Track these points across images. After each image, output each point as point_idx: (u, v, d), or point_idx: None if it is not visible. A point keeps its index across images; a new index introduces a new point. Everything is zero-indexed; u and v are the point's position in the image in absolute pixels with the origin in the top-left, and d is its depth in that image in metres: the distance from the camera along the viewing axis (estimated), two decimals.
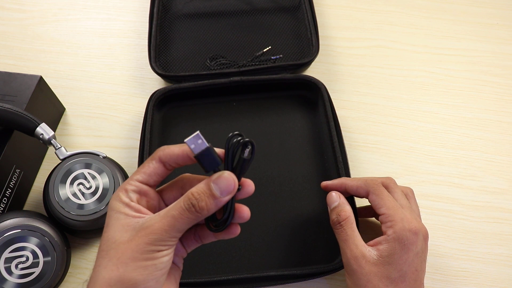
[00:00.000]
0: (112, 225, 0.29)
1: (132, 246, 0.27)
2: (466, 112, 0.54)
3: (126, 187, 0.30)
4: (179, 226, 0.28)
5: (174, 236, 0.28)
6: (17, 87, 0.47)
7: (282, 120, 0.52)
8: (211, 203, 0.28)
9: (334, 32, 0.61)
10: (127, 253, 0.27)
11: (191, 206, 0.28)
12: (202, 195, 0.28)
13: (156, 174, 0.31)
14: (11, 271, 0.38)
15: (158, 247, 0.27)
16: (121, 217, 0.29)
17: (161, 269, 0.28)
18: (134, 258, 0.27)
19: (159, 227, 0.27)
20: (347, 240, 0.37)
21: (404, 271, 0.35)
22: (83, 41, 0.61)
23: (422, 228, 0.36)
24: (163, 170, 0.31)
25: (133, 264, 0.27)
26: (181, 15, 0.61)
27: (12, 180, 0.45)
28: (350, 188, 0.40)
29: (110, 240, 0.28)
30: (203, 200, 0.28)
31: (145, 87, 0.57)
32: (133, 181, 0.30)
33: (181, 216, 0.28)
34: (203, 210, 0.28)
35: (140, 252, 0.27)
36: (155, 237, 0.27)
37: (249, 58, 0.56)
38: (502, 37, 0.61)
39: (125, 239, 0.28)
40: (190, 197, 0.28)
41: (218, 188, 0.28)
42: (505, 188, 0.49)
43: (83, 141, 0.53)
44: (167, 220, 0.28)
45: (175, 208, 0.28)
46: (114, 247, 0.28)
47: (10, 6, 0.65)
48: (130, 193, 0.30)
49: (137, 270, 0.27)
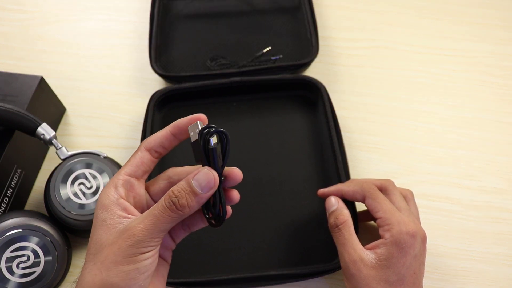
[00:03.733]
0: (99, 227, 0.28)
1: (114, 250, 0.27)
2: (466, 112, 0.54)
3: (115, 182, 0.30)
4: (161, 226, 0.27)
5: (157, 237, 0.28)
6: (18, 87, 0.48)
7: (282, 120, 0.53)
8: (192, 200, 0.28)
9: (334, 33, 0.62)
10: (110, 257, 0.27)
11: (171, 204, 0.27)
12: (183, 192, 0.28)
13: (143, 163, 0.30)
14: (13, 270, 0.39)
15: (140, 249, 0.27)
16: (107, 217, 0.28)
17: (144, 273, 0.27)
18: (117, 262, 0.27)
19: (141, 228, 0.27)
20: (345, 244, 0.37)
21: (402, 274, 0.35)
22: (84, 41, 0.61)
23: (420, 231, 0.36)
24: (150, 159, 0.31)
25: (115, 269, 0.27)
26: (181, 16, 0.61)
27: (13, 180, 0.45)
28: (346, 193, 0.41)
29: (97, 242, 0.28)
30: (184, 197, 0.28)
31: (145, 88, 0.57)
32: (121, 175, 0.30)
33: (162, 215, 0.27)
34: (184, 208, 0.28)
35: (123, 256, 0.27)
36: (137, 239, 0.27)
37: (249, 59, 0.56)
38: (501, 37, 0.61)
39: (109, 242, 0.27)
40: (170, 195, 0.28)
41: (199, 184, 0.28)
42: (504, 188, 0.49)
43: (84, 141, 0.53)
44: (149, 220, 0.27)
45: (157, 207, 0.28)
46: (99, 250, 0.28)
47: (11, 7, 0.65)
48: (119, 188, 0.29)
49: (119, 275, 0.27)
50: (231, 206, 0.32)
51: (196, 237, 0.44)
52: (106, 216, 0.28)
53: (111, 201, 0.29)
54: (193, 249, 0.44)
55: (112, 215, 0.28)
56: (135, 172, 0.30)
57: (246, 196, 0.47)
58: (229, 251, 0.44)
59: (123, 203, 0.29)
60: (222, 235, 0.45)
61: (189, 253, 0.44)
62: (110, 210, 0.28)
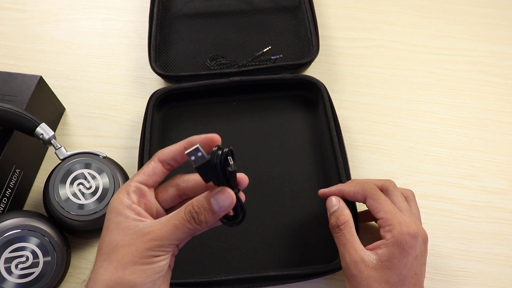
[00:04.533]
0: (113, 229, 0.29)
1: (132, 250, 0.28)
2: (466, 112, 0.54)
3: (127, 189, 0.31)
4: (179, 235, 0.29)
5: (173, 243, 0.29)
6: (17, 87, 0.47)
7: (282, 120, 0.52)
8: (210, 217, 0.29)
9: (334, 32, 0.61)
10: (127, 257, 0.28)
11: (191, 219, 0.29)
12: (202, 209, 0.29)
13: (155, 174, 0.32)
14: (11, 271, 0.38)
15: (157, 252, 0.28)
16: (122, 220, 0.29)
17: (159, 272, 0.29)
18: (134, 262, 0.28)
19: (160, 234, 0.28)
20: (346, 245, 0.37)
21: (403, 275, 0.35)
22: (83, 41, 0.61)
23: (421, 231, 0.36)
24: (162, 170, 0.32)
25: (132, 268, 0.28)
26: (181, 15, 0.61)
27: (12, 180, 0.45)
28: (347, 194, 0.40)
29: (112, 243, 0.29)
30: (203, 214, 0.29)
31: (145, 87, 0.57)
32: (133, 182, 0.31)
33: (182, 226, 0.29)
34: (202, 223, 0.29)
35: (140, 257, 0.28)
36: (156, 243, 0.28)
37: (249, 58, 0.56)
38: (502, 37, 0.61)
39: (125, 242, 0.29)
40: (191, 210, 0.29)
41: (217, 204, 0.29)
42: (505, 188, 0.49)
43: (83, 141, 0.53)
44: (169, 228, 0.29)
45: (177, 218, 0.29)
46: (115, 250, 0.29)
47: (10, 6, 0.65)
48: (132, 194, 0.31)
49: (136, 273, 0.28)
50: None
51: (196, 238, 0.44)
52: (120, 219, 0.29)
53: (125, 206, 0.30)
54: (193, 250, 0.44)
55: (127, 218, 0.29)
56: (147, 181, 0.32)
57: (246, 196, 0.47)
58: (229, 251, 0.44)
59: (136, 208, 0.30)
60: (222, 235, 0.45)
61: (189, 254, 0.44)
62: (125, 214, 0.30)
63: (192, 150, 0.29)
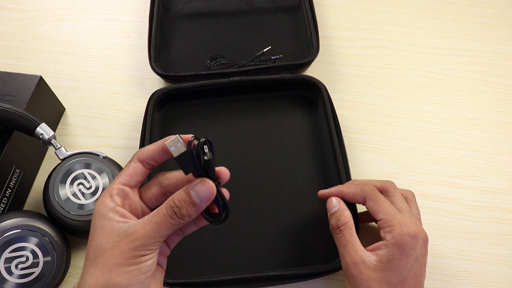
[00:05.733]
0: (98, 233, 0.29)
1: (116, 253, 0.28)
2: (466, 112, 0.54)
3: (110, 192, 0.31)
4: (163, 232, 0.29)
5: (158, 241, 0.29)
6: (17, 87, 0.47)
7: (282, 120, 0.52)
8: (192, 210, 0.29)
9: (334, 32, 0.61)
10: (112, 259, 0.28)
11: (173, 213, 0.29)
12: (183, 202, 0.29)
13: (136, 174, 0.32)
14: (11, 271, 0.38)
15: (142, 251, 0.28)
16: (106, 223, 0.29)
17: (145, 272, 0.29)
18: (119, 263, 0.28)
19: (143, 233, 0.28)
20: (346, 246, 0.37)
21: (403, 276, 0.35)
22: (83, 41, 0.61)
23: (422, 232, 0.36)
24: (142, 169, 0.32)
25: (117, 270, 0.28)
26: (181, 15, 0.61)
27: (12, 180, 0.45)
28: (347, 195, 0.40)
29: (98, 247, 0.29)
30: (184, 207, 0.29)
31: (145, 87, 0.57)
32: (115, 185, 0.31)
33: (164, 222, 0.29)
34: (184, 217, 0.29)
35: (125, 258, 0.28)
36: (139, 243, 0.28)
37: (249, 58, 0.56)
38: (502, 37, 0.61)
39: (110, 245, 0.29)
40: (172, 205, 0.29)
41: (198, 195, 0.29)
42: (505, 188, 0.49)
43: (83, 141, 0.53)
44: (151, 226, 0.29)
45: (159, 215, 0.29)
46: (100, 254, 0.29)
47: (10, 6, 0.65)
48: (115, 197, 0.31)
49: (122, 275, 0.28)
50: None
51: (196, 238, 0.44)
52: (104, 223, 0.29)
53: (109, 209, 0.30)
54: (193, 250, 0.44)
55: (111, 221, 0.29)
56: (129, 182, 0.32)
57: (246, 196, 0.47)
58: (228, 251, 0.44)
59: (120, 210, 0.30)
60: (222, 235, 0.45)
61: (189, 254, 0.44)
62: (109, 217, 0.30)
63: (171, 140, 0.29)
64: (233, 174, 0.48)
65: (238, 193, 0.47)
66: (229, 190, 0.46)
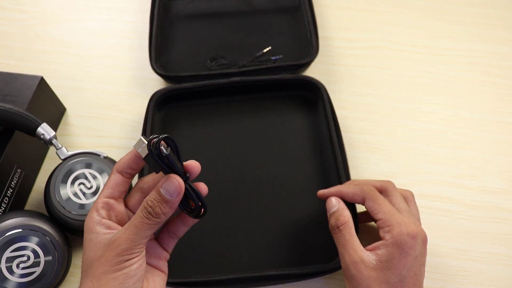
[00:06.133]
0: (87, 246, 0.31)
1: (102, 261, 0.30)
2: (466, 112, 0.54)
3: (96, 206, 0.32)
4: (142, 233, 0.30)
5: (140, 243, 0.30)
6: (18, 87, 0.48)
7: (282, 120, 0.53)
8: (165, 207, 0.30)
9: (333, 33, 0.62)
10: (99, 268, 0.29)
11: (148, 214, 0.30)
12: (155, 201, 0.30)
13: (117, 185, 0.33)
14: (13, 270, 0.39)
15: (125, 256, 0.29)
16: (93, 237, 0.31)
17: (132, 277, 0.30)
18: (106, 271, 0.29)
19: (124, 238, 0.30)
20: (345, 245, 0.37)
21: (403, 276, 0.35)
22: (84, 41, 0.61)
23: (421, 232, 0.36)
24: (122, 180, 0.33)
25: (105, 278, 0.29)
26: (181, 16, 0.61)
27: (13, 180, 0.45)
28: (346, 195, 0.41)
29: (88, 260, 0.31)
30: (157, 206, 0.30)
31: (145, 88, 0.57)
32: (100, 199, 0.33)
33: (142, 224, 0.30)
34: (160, 215, 0.30)
35: (110, 265, 0.29)
36: (122, 248, 0.29)
37: (249, 59, 0.56)
38: (501, 37, 0.61)
39: (97, 256, 0.30)
40: (145, 206, 0.30)
41: (167, 192, 0.30)
42: (504, 188, 0.49)
43: (84, 141, 0.53)
44: (131, 230, 0.30)
45: (136, 218, 0.30)
46: (90, 266, 0.30)
47: (11, 7, 0.65)
48: (100, 210, 0.32)
49: (109, 282, 0.29)
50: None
51: (196, 237, 0.44)
52: (92, 236, 0.31)
53: (95, 223, 0.31)
54: (193, 249, 0.44)
55: (98, 234, 0.31)
56: (112, 194, 0.33)
57: (246, 196, 0.48)
58: (228, 251, 0.44)
59: (106, 222, 0.32)
60: (222, 235, 0.45)
61: (189, 253, 0.44)
62: (95, 230, 0.31)
63: (136, 143, 0.31)
64: (233, 174, 0.49)
65: (238, 193, 0.47)
66: (229, 190, 0.46)
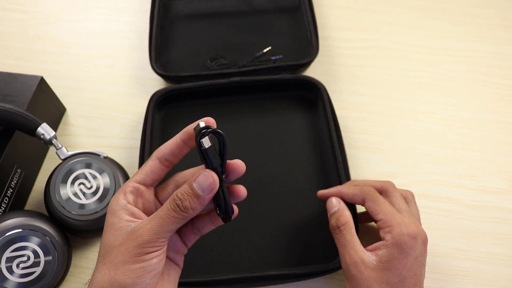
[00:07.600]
0: (107, 231, 0.30)
1: (122, 250, 0.28)
2: (466, 112, 0.54)
3: (125, 189, 0.31)
4: (167, 227, 0.29)
5: (163, 237, 0.29)
6: (18, 87, 0.48)
7: (282, 120, 0.53)
8: (195, 202, 0.29)
9: (333, 33, 0.62)
10: (118, 257, 0.28)
11: (176, 206, 0.29)
12: (186, 195, 0.29)
13: (153, 172, 0.32)
14: (13, 270, 0.39)
15: (146, 249, 0.28)
16: (115, 221, 0.30)
17: (150, 272, 0.28)
18: (124, 261, 0.28)
19: (147, 229, 0.28)
20: (346, 246, 0.37)
21: (403, 276, 0.35)
22: (84, 41, 0.61)
23: (421, 232, 0.36)
24: (160, 167, 0.32)
25: (122, 268, 0.28)
26: (181, 16, 0.61)
27: (13, 180, 0.45)
28: (346, 196, 0.41)
29: (107, 245, 0.29)
30: (187, 199, 0.29)
31: (145, 88, 0.57)
32: (131, 182, 0.31)
33: (168, 217, 0.29)
34: (188, 210, 0.29)
35: (130, 255, 0.28)
36: (144, 239, 0.28)
37: (249, 59, 0.56)
38: (501, 37, 0.61)
39: (117, 243, 0.29)
40: (175, 198, 0.29)
41: (200, 187, 0.29)
42: (504, 188, 0.49)
43: (84, 141, 0.53)
44: (156, 221, 0.29)
45: (163, 209, 0.29)
46: (109, 252, 0.29)
47: (11, 7, 0.65)
48: (128, 195, 0.31)
49: (126, 274, 0.28)
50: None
51: None
52: (114, 220, 0.30)
53: (120, 207, 0.30)
54: (193, 249, 0.44)
55: (121, 219, 0.30)
56: (144, 180, 0.32)
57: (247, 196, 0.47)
58: (229, 251, 0.44)
59: (131, 208, 0.30)
60: (222, 235, 0.45)
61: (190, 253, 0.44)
62: (119, 215, 0.30)
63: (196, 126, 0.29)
64: None
65: None
66: None
